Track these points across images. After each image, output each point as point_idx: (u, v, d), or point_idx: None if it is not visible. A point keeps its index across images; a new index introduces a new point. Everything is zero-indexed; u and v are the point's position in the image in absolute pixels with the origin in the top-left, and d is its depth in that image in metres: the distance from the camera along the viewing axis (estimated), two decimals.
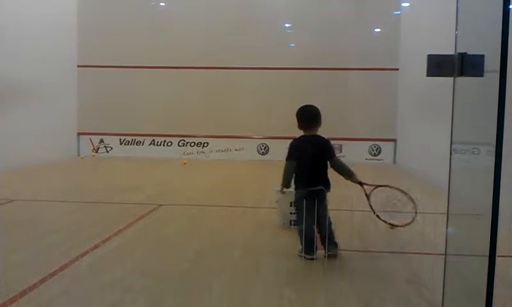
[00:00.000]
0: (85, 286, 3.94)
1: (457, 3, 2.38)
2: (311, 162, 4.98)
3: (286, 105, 14.07)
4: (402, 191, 5.07)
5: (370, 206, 5.06)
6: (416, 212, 4.93)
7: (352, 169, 5.05)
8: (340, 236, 5.72)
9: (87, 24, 14.46)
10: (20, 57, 11.36)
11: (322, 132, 5.13)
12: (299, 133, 5.20)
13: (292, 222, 5.85)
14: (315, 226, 4.87)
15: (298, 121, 5.18)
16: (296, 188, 5.09)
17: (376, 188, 5.08)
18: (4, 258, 4.59)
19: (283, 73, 14.20)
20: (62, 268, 4.26)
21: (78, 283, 4.00)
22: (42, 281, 3.95)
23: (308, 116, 5.11)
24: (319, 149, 4.99)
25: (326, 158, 5.02)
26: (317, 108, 5.19)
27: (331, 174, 5.06)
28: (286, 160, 5.13)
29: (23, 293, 3.67)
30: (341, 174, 5.09)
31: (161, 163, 13.12)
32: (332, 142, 5.19)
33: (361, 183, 5.04)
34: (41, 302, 3.57)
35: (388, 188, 5.08)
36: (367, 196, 5.07)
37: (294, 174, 5.08)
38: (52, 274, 4.11)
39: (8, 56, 10.93)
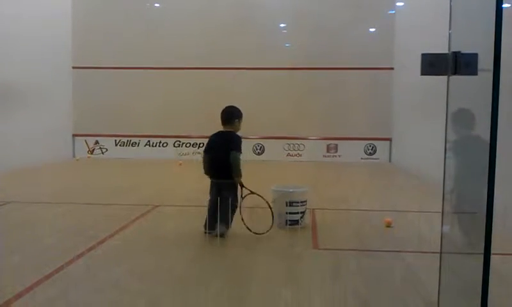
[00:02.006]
0: (81, 288, 3.93)
1: (450, 2, 2.39)
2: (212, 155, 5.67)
3: (281, 105, 14.12)
4: (268, 203, 5.63)
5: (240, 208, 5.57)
6: (271, 225, 5.53)
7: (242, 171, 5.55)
8: (338, 236, 5.75)
9: (82, 26, 14.42)
10: (14, 58, 11.31)
11: (319, 131, 5.23)
12: (296, 132, 5.31)
13: (288, 222, 5.85)
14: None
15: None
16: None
17: (250, 193, 5.59)
18: (0, 260, 4.58)
19: (279, 73, 14.20)
20: (58, 270, 4.25)
21: (74, 284, 3.99)
22: (38, 283, 3.94)
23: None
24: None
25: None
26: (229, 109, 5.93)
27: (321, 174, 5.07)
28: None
29: (19, 296, 3.66)
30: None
31: (157, 164, 13.10)
32: (328, 142, 5.33)
33: (241, 185, 5.58)
34: (37, 305, 3.56)
35: (256, 196, 5.60)
36: (242, 198, 5.59)
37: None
38: (48, 276, 4.10)
39: (2, 58, 10.88)
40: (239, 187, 5.57)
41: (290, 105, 14.10)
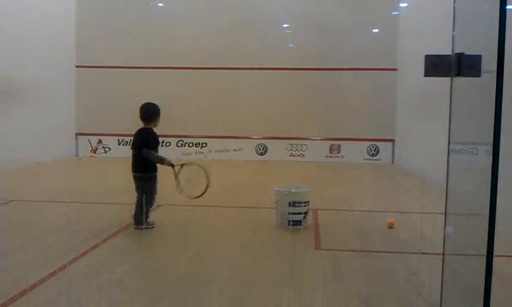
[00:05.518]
0: (84, 286, 3.94)
1: (454, 3, 2.40)
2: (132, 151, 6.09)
3: (284, 106, 14.12)
4: (199, 166, 5.89)
5: (178, 184, 5.86)
6: (206, 186, 5.76)
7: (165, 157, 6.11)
8: (340, 236, 5.75)
9: (85, 25, 14.43)
10: (18, 57, 11.33)
11: (322, 131, 5.24)
12: (299, 132, 5.35)
13: (291, 223, 5.85)
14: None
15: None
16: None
17: (182, 166, 5.93)
18: (3, 258, 4.60)
19: (282, 74, 14.20)
20: (61, 269, 4.27)
21: (77, 283, 4.00)
22: (41, 281, 3.95)
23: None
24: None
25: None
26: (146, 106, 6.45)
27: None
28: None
29: (22, 293, 3.68)
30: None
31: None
32: (331, 142, 5.39)
33: (172, 165, 5.95)
34: (41, 302, 3.58)
35: (194, 166, 5.98)
36: (176, 176, 5.91)
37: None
38: (52, 274, 4.11)
39: (6, 57, 10.90)
40: (157, 179, 6.07)
41: (293, 105, 14.10)
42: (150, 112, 6.34)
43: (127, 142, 14.47)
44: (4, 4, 11.00)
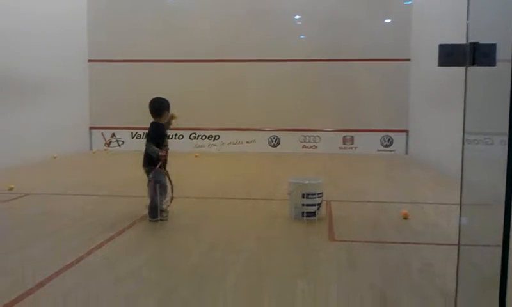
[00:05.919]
0: (100, 278, 4.00)
1: None
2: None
3: (297, 97, 14.09)
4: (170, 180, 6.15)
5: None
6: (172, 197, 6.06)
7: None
8: (354, 227, 5.74)
9: (98, 18, 14.51)
10: (31, 53, 11.41)
11: (335, 123, 5.20)
12: (311, 124, 5.34)
13: (305, 214, 5.86)
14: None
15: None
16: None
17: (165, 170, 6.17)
18: (20, 251, 4.67)
19: (294, 65, 14.15)
20: (78, 261, 4.33)
21: (93, 275, 4.06)
22: (58, 273, 4.01)
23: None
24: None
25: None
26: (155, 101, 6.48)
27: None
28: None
29: (40, 285, 3.74)
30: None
31: (173, 156, 13.13)
32: (344, 133, 5.35)
33: (160, 162, 6.15)
34: (58, 294, 3.64)
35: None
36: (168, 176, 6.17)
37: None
38: (68, 266, 4.17)
39: (20, 53, 11.00)
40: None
41: (305, 97, 14.07)
42: (158, 107, 6.43)
43: (140, 135, 14.57)
44: (16, 1, 11.05)
